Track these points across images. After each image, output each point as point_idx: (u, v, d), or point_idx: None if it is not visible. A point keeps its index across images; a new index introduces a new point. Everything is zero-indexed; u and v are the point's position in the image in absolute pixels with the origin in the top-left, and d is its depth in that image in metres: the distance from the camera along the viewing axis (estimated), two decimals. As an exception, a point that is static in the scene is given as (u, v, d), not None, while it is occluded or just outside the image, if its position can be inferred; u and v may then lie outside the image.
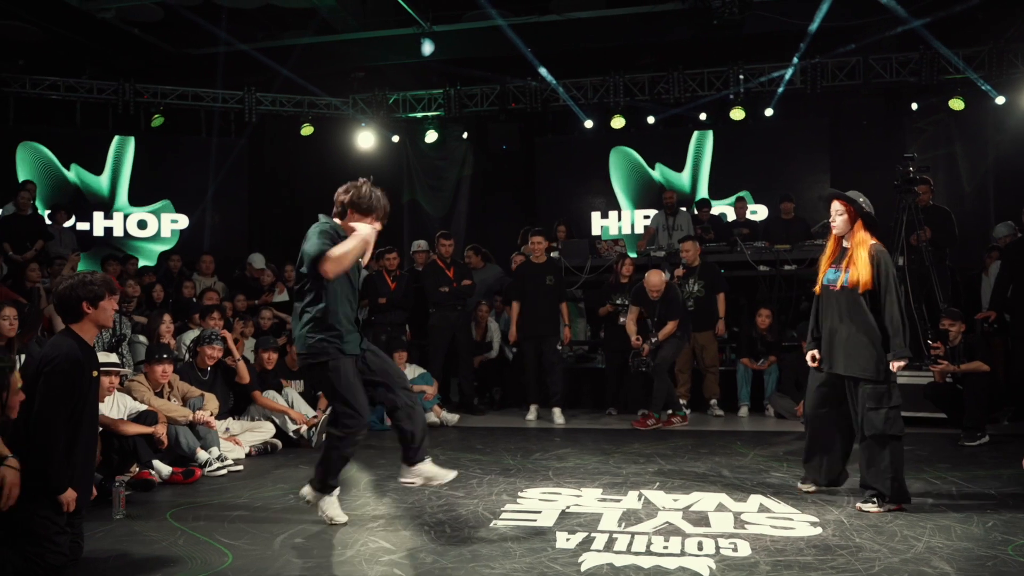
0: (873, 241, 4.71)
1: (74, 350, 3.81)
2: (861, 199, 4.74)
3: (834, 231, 4.83)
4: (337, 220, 4.47)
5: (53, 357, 3.76)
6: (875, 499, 4.63)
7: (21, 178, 11.12)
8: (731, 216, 11.57)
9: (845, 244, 4.79)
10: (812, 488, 5.07)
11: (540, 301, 8.43)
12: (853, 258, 4.68)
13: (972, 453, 6.39)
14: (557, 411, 8.40)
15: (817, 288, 4.93)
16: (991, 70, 10.39)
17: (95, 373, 3.97)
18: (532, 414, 8.47)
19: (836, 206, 4.79)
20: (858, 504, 4.68)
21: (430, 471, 4.58)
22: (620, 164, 13.05)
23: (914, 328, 7.88)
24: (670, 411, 7.98)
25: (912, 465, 5.85)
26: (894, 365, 4.55)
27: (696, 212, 11.24)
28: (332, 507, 4.50)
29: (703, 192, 12.55)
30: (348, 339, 4.34)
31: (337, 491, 4.54)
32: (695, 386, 8.63)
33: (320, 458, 4.46)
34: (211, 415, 6.09)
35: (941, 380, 7.16)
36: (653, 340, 7.93)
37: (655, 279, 7.98)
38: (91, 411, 3.94)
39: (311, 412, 7.16)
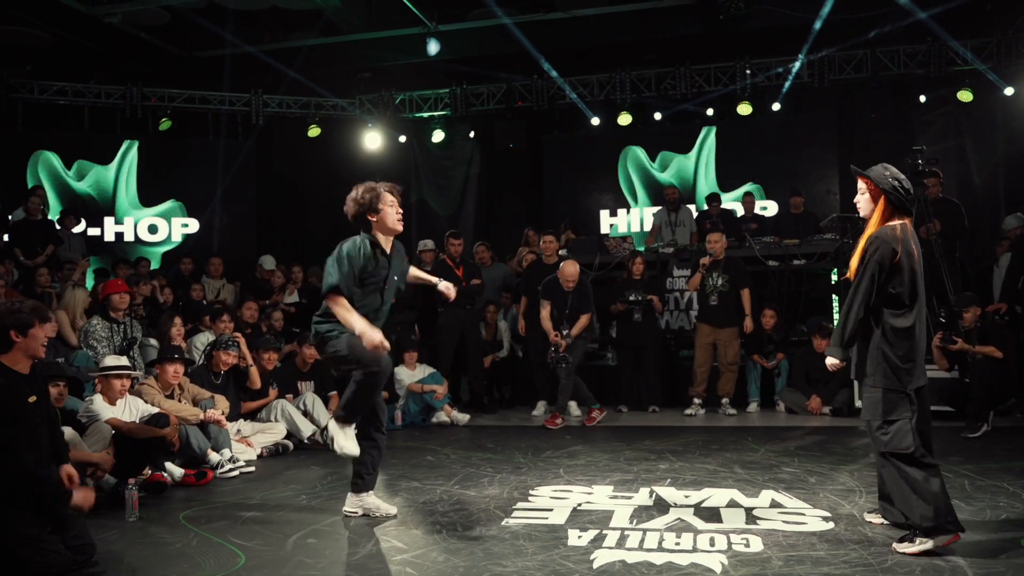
0: (888, 223, 3.97)
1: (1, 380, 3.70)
2: (887, 173, 4.03)
3: (860, 213, 4.16)
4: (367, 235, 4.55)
5: None
6: (908, 536, 3.87)
7: (31, 185, 11.19)
8: (740, 211, 11.53)
9: None
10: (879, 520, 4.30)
11: None
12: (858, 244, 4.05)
13: (983, 446, 6.36)
14: (573, 404, 8.45)
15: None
16: (999, 61, 10.33)
17: (33, 398, 3.86)
18: (539, 410, 8.49)
19: (860, 184, 4.14)
20: (894, 544, 3.88)
21: (374, 503, 4.74)
22: (629, 162, 13.03)
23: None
24: (587, 407, 8.06)
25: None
26: (828, 363, 4.07)
27: (706, 206, 11.21)
28: (346, 437, 4.47)
29: (709, 187, 12.55)
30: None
31: (352, 428, 4.51)
32: (710, 383, 8.55)
33: (347, 394, 4.49)
34: (222, 414, 6.13)
35: (948, 368, 7.15)
36: (565, 333, 7.91)
37: (571, 269, 7.96)
38: (31, 436, 3.80)
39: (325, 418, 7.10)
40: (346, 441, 4.48)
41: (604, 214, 13.06)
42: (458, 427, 8.06)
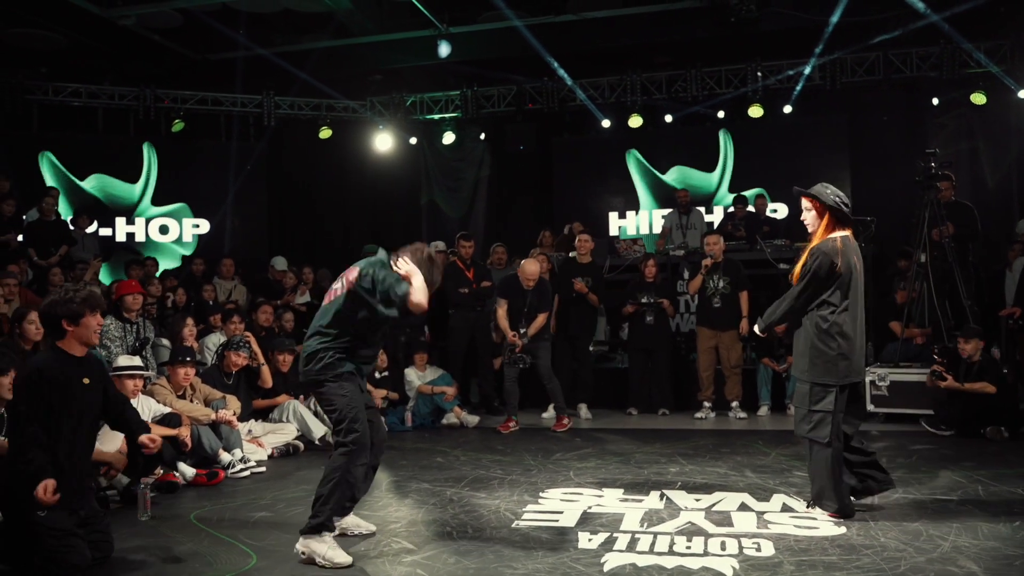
0: (832, 234, 4.52)
1: (48, 362, 3.90)
2: (828, 191, 4.57)
3: (808, 228, 4.70)
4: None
5: (25, 370, 3.99)
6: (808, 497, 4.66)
7: (48, 184, 11.28)
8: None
9: None
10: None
11: (576, 302, 8.48)
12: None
13: (998, 452, 6.32)
14: (583, 407, 8.46)
15: None
16: (1013, 63, 10.26)
17: (86, 380, 3.97)
18: (550, 412, 8.45)
19: (804, 203, 4.67)
20: (808, 508, 4.65)
21: (353, 521, 4.41)
22: (636, 166, 13.03)
23: (937, 324, 7.84)
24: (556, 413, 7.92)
25: (937, 464, 5.82)
26: (749, 328, 4.51)
27: (732, 208, 11.19)
28: (329, 547, 3.91)
29: (727, 189, 12.54)
30: (360, 362, 4.24)
31: (329, 535, 3.97)
32: (716, 387, 8.53)
33: (322, 494, 3.97)
34: (233, 414, 6.15)
35: (931, 384, 7.13)
36: (523, 331, 7.77)
37: (532, 267, 7.83)
38: (76, 419, 3.91)
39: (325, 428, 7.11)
40: (332, 552, 3.87)
41: (614, 216, 13.06)
42: (468, 429, 8.06)
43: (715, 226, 11.19)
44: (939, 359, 7.17)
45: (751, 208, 11.12)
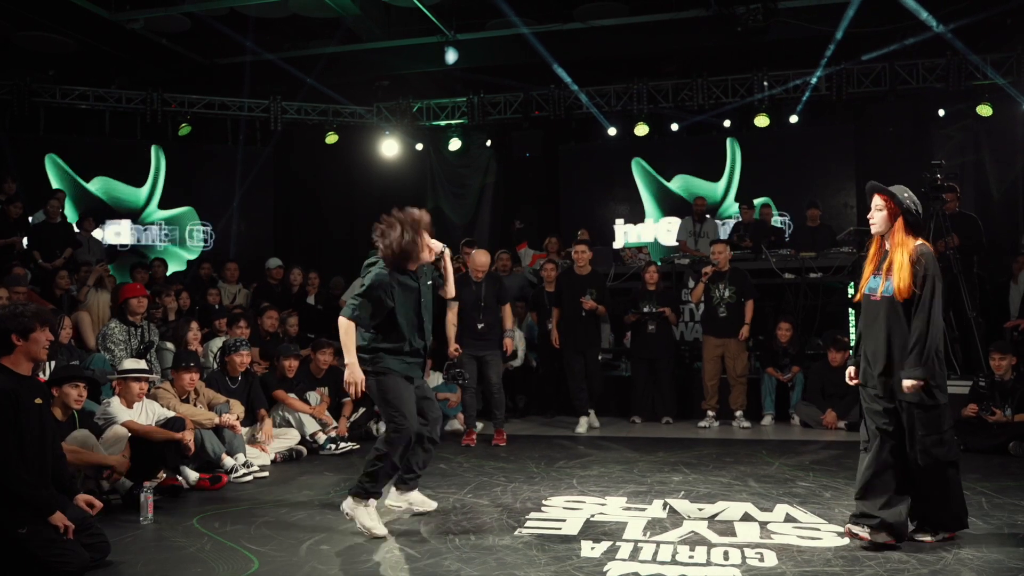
0: (917, 242, 4.14)
1: (3, 383, 3.72)
2: (906, 194, 4.19)
3: (872, 229, 4.28)
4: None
5: None
6: (928, 528, 4.20)
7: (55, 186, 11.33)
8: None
9: (887, 246, 4.22)
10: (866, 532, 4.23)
11: (581, 315, 8.25)
12: (892, 263, 4.12)
13: (1002, 463, 6.30)
14: (583, 419, 8.41)
15: (857, 296, 4.39)
16: (1020, 76, 10.26)
17: (39, 400, 3.87)
18: (583, 427, 8.15)
19: (876, 201, 4.24)
20: (913, 534, 4.21)
21: (419, 498, 4.99)
22: (641, 175, 13.05)
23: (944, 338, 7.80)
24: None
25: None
26: (905, 384, 4.00)
27: (740, 216, 11.19)
28: (371, 517, 4.46)
29: (732, 199, 12.56)
30: (406, 361, 4.62)
31: (376, 502, 4.56)
32: (720, 396, 8.51)
33: (367, 464, 4.54)
34: (236, 419, 6.16)
35: (974, 413, 6.93)
36: (480, 327, 7.32)
37: (482, 258, 7.40)
38: (35, 438, 3.79)
39: (318, 424, 7.19)
40: (370, 521, 4.43)
41: (619, 224, 13.06)
42: (471, 435, 8.04)
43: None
44: (985, 391, 6.87)
45: (756, 216, 11.13)
